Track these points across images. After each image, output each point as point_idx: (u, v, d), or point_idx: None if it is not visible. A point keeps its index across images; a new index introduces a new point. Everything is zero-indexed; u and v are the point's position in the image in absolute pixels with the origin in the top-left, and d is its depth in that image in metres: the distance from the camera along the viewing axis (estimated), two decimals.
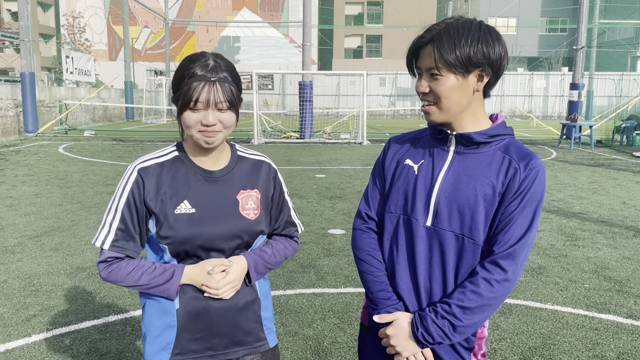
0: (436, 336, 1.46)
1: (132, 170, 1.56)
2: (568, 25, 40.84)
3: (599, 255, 5.60)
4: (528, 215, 1.47)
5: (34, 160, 12.15)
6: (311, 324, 3.87)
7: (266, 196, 1.67)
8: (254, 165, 1.68)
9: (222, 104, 1.48)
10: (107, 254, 1.54)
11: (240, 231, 1.59)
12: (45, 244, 5.73)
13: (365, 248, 1.64)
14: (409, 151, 1.63)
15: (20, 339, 3.59)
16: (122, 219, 1.53)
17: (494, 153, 1.52)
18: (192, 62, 1.49)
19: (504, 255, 1.46)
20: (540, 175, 1.49)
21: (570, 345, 3.59)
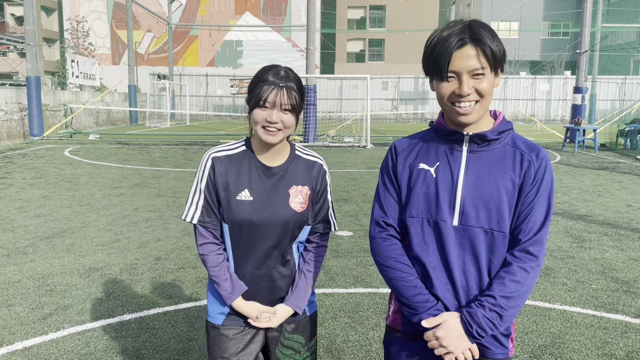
0: (487, 329, 1.52)
1: (208, 158, 1.87)
2: (570, 29, 40.92)
3: (606, 256, 5.64)
4: (545, 202, 1.58)
5: (41, 163, 12.23)
6: (323, 323, 3.92)
7: (314, 192, 1.92)
8: (308, 164, 1.93)
9: (286, 105, 1.77)
10: (200, 229, 1.87)
11: (287, 220, 1.84)
12: (57, 245, 5.79)
13: (392, 255, 1.64)
14: (420, 155, 1.65)
15: (37, 336, 3.65)
16: (204, 198, 1.85)
17: (504, 148, 1.61)
18: (268, 70, 1.79)
19: (532, 242, 1.56)
20: (549, 163, 1.61)
21: (579, 344, 3.64)
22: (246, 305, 1.88)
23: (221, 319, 1.92)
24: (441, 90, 1.57)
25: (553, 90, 34.73)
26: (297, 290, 1.93)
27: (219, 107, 36.18)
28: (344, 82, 34.75)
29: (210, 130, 24.37)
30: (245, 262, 1.87)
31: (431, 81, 1.63)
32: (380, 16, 45.94)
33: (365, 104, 17.58)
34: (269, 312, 1.89)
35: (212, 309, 1.94)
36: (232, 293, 1.86)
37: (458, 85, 1.53)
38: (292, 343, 1.95)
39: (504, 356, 1.63)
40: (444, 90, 1.56)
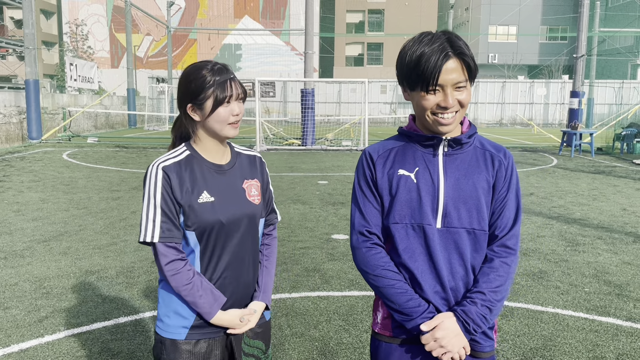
0: (482, 324, 1.61)
1: (157, 170, 1.75)
2: (568, 33, 41.06)
3: (599, 260, 5.68)
4: (515, 197, 1.70)
5: (39, 167, 12.26)
6: (317, 326, 3.95)
7: (263, 184, 1.95)
8: (249, 159, 1.95)
9: (241, 94, 1.79)
10: (161, 247, 1.74)
11: (249, 215, 1.85)
12: (54, 248, 5.82)
13: (379, 263, 1.66)
14: (397, 161, 1.68)
15: (33, 339, 3.68)
16: (162, 212, 1.73)
17: (474, 151, 1.70)
18: (204, 69, 1.75)
19: (509, 237, 1.67)
20: (513, 161, 1.74)
21: (570, 346, 3.67)
22: (226, 315, 1.80)
23: (184, 333, 1.78)
24: (424, 102, 1.60)
25: (551, 94, 34.84)
26: (265, 285, 1.94)
27: None
28: (343, 85, 34.84)
29: None
30: (218, 266, 1.81)
31: (406, 90, 1.66)
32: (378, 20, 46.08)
33: (364, 107, 17.65)
34: (249, 313, 1.85)
35: (172, 323, 1.78)
36: (212, 307, 1.76)
37: (443, 98, 1.57)
38: (253, 350, 1.90)
39: (491, 348, 1.72)
40: (428, 102, 1.60)
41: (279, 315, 4.14)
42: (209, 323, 1.79)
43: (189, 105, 1.76)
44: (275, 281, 4.88)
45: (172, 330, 1.78)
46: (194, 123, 1.81)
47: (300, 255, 5.70)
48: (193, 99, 1.75)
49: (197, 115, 1.77)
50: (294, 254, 5.72)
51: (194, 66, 1.77)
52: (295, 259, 5.57)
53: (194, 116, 1.78)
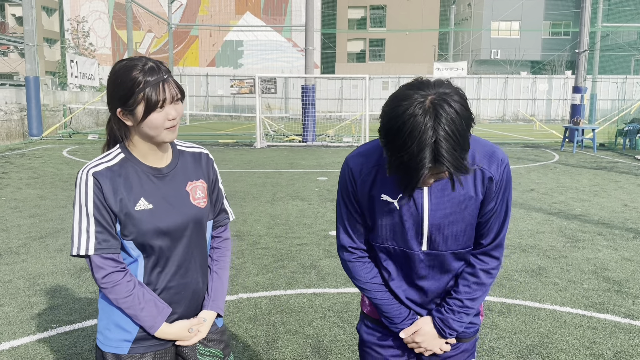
0: (458, 328, 1.67)
1: (87, 176, 1.60)
2: (571, 28, 40.84)
3: (599, 256, 5.62)
4: (504, 207, 1.62)
5: (39, 164, 12.25)
6: (311, 323, 3.92)
7: (210, 184, 1.80)
8: (194, 157, 1.80)
9: (177, 95, 1.62)
10: (96, 260, 1.60)
11: (194, 219, 1.71)
12: (50, 245, 5.79)
13: (366, 277, 1.71)
14: (379, 183, 1.56)
15: (25, 336, 3.65)
16: (96, 221, 1.58)
17: None
18: (134, 69, 1.56)
19: (493, 246, 1.64)
20: (507, 166, 1.57)
21: (567, 344, 3.63)
22: (172, 327, 1.68)
23: (126, 347, 1.66)
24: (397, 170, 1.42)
25: (553, 90, 34.67)
26: (215, 292, 1.82)
27: (219, 107, 36.19)
28: (344, 82, 34.73)
29: (210, 130, 24.38)
30: (162, 275, 1.68)
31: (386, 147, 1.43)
32: (380, 16, 45.91)
33: (365, 103, 17.58)
34: (198, 323, 1.75)
35: (113, 336, 1.66)
36: (155, 320, 1.64)
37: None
38: (210, 359, 1.80)
39: (474, 332, 1.77)
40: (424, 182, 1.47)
41: (273, 313, 4.10)
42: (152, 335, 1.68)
43: (119, 110, 1.59)
44: (271, 277, 4.84)
45: (114, 344, 1.66)
46: (126, 127, 1.64)
47: (297, 251, 5.66)
48: (122, 103, 1.57)
49: (129, 120, 1.61)
50: (290, 251, 5.68)
51: (123, 66, 1.59)
52: (292, 255, 5.52)
53: (125, 121, 1.62)
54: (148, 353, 1.69)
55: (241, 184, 9.82)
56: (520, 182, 10.39)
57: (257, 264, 5.23)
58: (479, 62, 45.18)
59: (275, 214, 7.36)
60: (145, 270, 1.67)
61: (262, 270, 5.07)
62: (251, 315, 4.05)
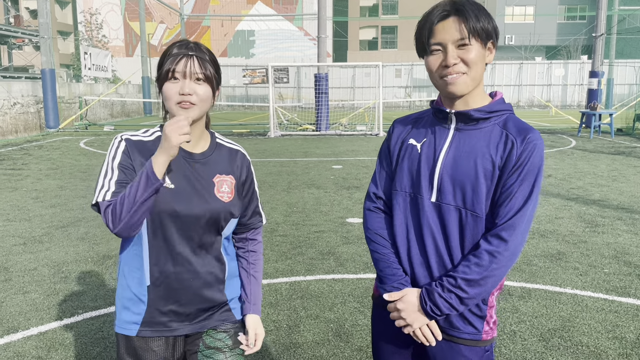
0: (443, 308, 1.54)
1: (120, 140, 1.65)
2: (587, 12, 40.13)
3: (619, 241, 5.58)
4: (527, 188, 1.52)
5: (57, 155, 12.40)
6: (332, 308, 3.95)
7: (239, 182, 1.76)
8: (231, 152, 1.78)
9: (199, 74, 1.60)
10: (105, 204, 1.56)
11: (214, 212, 1.67)
12: (72, 233, 5.89)
13: (373, 227, 1.72)
14: (412, 131, 1.70)
15: (52, 322, 3.73)
16: (119, 175, 1.60)
17: (492, 129, 1.57)
18: (174, 44, 1.64)
19: (505, 226, 1.51)
20: (538, 148, 1.53)
21: (589, 327, 3.62)
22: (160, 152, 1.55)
23: (135, 329, 1.68)
24: (429, 65, 1.58)
25: (569, 75, 34.19)
26: (255, 296, 1.82)
27: (231, 97, 36.25)
28: (357, 70, 34.57)
29: (223, 120, 24.46)
30: (167, 258, 1.65)
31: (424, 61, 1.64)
32: (392, 3, 45.51)
33: (378, 91, 17.51)
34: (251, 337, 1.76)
35: (123, 317, 1.69)
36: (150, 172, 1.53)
37: (444, 57, 1.54)
38: (216, 342, 1.75)
39: (474, 337, 1.62)
40: (431, 64, 1.58)
41: (294, 298, 4.14)
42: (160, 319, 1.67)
43: (156, 76, 1.67)
44: (291, 264, 4.88)
45: (124, 325, 1.69)
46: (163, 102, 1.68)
47: (315, 238, 5.69)
48: (157, 73, 1.65)
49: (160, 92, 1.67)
50: (308, 238, 5.71)
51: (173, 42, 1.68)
52: (310, 242, 5.56)
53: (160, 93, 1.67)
54: (157, 337, 1.68)
55: (257, 173, 9.85)
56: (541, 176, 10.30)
57: (276, 251, 5.27)
58: None
59: (292, 202, 7.39)
60: (151, 252, 1.64)
61: (281, 257, 5.11)
62: (272, 300, 4.09)
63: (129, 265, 1.69)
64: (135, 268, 1.67)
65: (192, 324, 1.72)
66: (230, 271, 1.79)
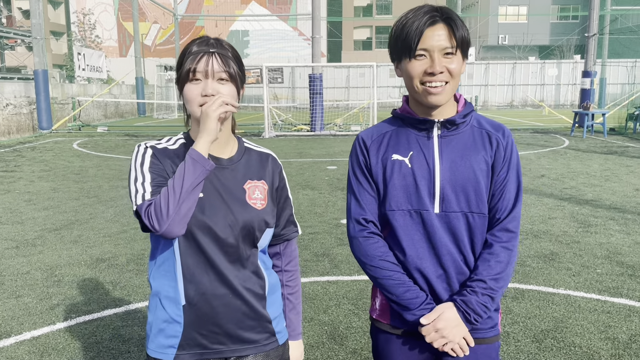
0: (482, 314, 1.57)
1: (145, 148, 1.54)
2: (580, 12, 40.32)
3: (612, 241, 5.61)
4: (515, 178, 1.63)
5: (50, 156, 12.34)
6: (326, 310, 3.95)
7: (272, 188, 1.65)
8: (261, 157, 1.67)
9: (222, 73, 1.48)
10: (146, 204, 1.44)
11: (247, 221, 1.55)
12: (65, 236, 5.86)
13: (376, 254, 1.61)
14: (390, 146, 1.63)
15: (45, 326, 3.72)
16: (151, 176, 1.49)
17: (471, 130, 1.63)
18: (194, 41, 1.53)
19: (510, 219, 1.61)
20: (513, 140, 1.66)
21: (582, 328, 3.64)
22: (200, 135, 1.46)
23: (172, 353, 1.55)
24: (411, 70, 1.54)
25: (562, 74, 34.34)
26: (291, 322, 1.73)
27: None
28: (351, 70, 34.59)
29: None
30: (201, 277, 1.53)
31: (397, 66, 1.61)
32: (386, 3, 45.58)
33: (372, 91, 17.52)
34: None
35: (158, 341, 1.56)
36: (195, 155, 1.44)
37: (430, 64, 1.51)
38: None
39: (495, 332, 1.66)
40: (414, 70, 1.53)
41: None
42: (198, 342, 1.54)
43: (176, 77, 1.54)
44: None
45: (160, 350, 1.56)
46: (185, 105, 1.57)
47: (310, 240, 5.70)
48: (176, 74, 1.54)
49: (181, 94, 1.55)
50: (302, 239, 5.71)
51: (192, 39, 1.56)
52: (305, 244, 5.56)
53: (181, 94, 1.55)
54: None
55: None
56: (531, 168, 10.35)
57: None
58: (487, 48, 44.77)
59: None
60: (184, 269, 1.53)
61: None
62: None
63: (162, 284, 1.56)
64: (168, 287, 1.55)
65: (233, 347, 1.58)
66: (271, 286, 1.65)
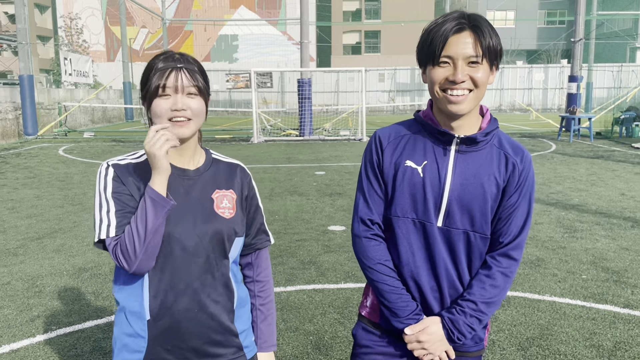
0: (467, 334, 1.57)
1: (107, 167, 1.54)
2: (566, 17, 40.74)
3: (597, 246, 5.63)
4: (526, 205, 1.59)
5: (35, 163, 12.20)
6: (312, 320, 3.92)
7: (241, 198, 1.65)
8: (230, 167, 1.67)
9: (191, 88, 1.50)
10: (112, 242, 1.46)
11: (215, 230, 1.55)
12: (48, 245, 5.77)
13: (376, 256, 1.61)
14: (406, 151, 1.59)
15: (24, 339, 3.64)
16: (115, 204, 1.49)
17: (490, 149, 1.59)
18: (157, 57, 1.53)
19: (513, 246, 1.58)
20: (532, 166, 1.62)
21: (567, 335, 3.64)
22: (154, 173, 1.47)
23: None
24: (434, 76, 1.50)
25: (550, 79, 34.65)
26: (262, 333, 1.72)
27: (215, 102, 36.06)
28: (340, 74, 34.63)
29: (206, 125, 24.26)
30: (168, 291, 1.51)
31: (424, 72, 1.56)
32: (375, 8, 45.75)
33: (362, 96, 17.54)
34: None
35: (122, 356, 1.55)
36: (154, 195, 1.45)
37: (452, 71, 1.47)
38: None
39: (479, 347, 1.66)
40: (436, 76, 1.49)
41: None
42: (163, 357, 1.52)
43: (141, 94, 1.55)
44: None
45: None
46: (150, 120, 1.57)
47: (296, 247, 5.66)
48: (141, 89, 1.54)
49: (147, 109, 1.55)
50: (289, 247, 5.67)
51: (153, 56, 1.56)
52: (291, 251, 5.52)
53: (146, 110, 1.55)
54: None
55: None
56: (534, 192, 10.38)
57: None
58: None
59: (274, 210, 7.35)
60: (151, 283, 1.51)
61: None
62: None
63: (127, 298, 1.54)
64: (134, 301, 1.52)
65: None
66: (240, 299, 1.64)
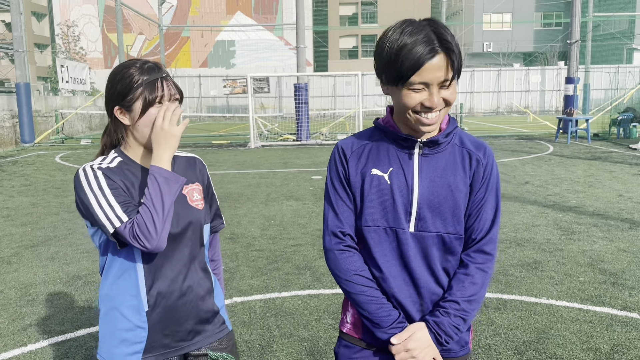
0: (454, 335, 1.55)
1: (93, 169, 1.60)
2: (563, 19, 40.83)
3: (595, 248, 5.61)
4: (493, 199, 1.60)
5: (31, 171, 12.17)
6: (306, 325, 3.88)
7: (204, 187, 1.81)
8: (188, 161, 1.81)
9: (176, 94, 1.66)
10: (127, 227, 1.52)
11: (194, 221, 1.70)
12: (42, 253, 5.74)
13: (351, 268, 1.58)
14: (370, 159, 1.59)
15: (16, 348, 3.60)
16: (115, 197, 1.56)
17: (453, 149, 1.60)
18: (132, 67, 1.61)
19: (486, 241, 1.58)
20: (494, 160, 1.63)
21: (564, 338, 3.60)
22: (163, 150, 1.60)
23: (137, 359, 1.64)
24: (406, 100, 1.47)
25: (546, 81, 34.69)
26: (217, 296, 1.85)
27: (212, 108, 36.09)
28: (337, 79, 34.65)
29: (203, 131, 24.29)
30: (162, 279, 1.65)
31: (384, 84, 1.54)
32: (372, 12, 45.85)
33: (359, 100, 17.54)
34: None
35: (120, 352, 1.63)
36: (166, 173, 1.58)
37: (427, 97, 1.45)
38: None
39: (466, 351, 1.65)
40: (409, 101, 1.47)
41: (267, 316, 4.07)
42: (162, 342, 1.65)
43: (117, 108, 1.62)
44: (266, 280, 4.81)
45: (124, 359, 1.63)
46: (123, 127, 1.66)
47: (292, 252, 5.62)
48: (120, 100, 1.60)
49: (127, 119, 1.63)
50: (285, 252, 5.64)
51: (122, 65, 1.63)
52: (287, 256, 5.49)
53: (122, 120, 1.63)
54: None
55: (235, 185, 9.77)
56: (515, 174, 10.38)
57: (252, 267, 5.19)
58: (472, 55, 45.17)
59: (270, 215, 7.32)
60: (146, 276, 1.64)
61: (256, 272, 5.03)
62: (245, 319, 4.01)
63: (122, 295, 1.64)
64: (130, 296, 1.63)
65: (193, 341, 1.71)
66: (214, 279, 1.83)
